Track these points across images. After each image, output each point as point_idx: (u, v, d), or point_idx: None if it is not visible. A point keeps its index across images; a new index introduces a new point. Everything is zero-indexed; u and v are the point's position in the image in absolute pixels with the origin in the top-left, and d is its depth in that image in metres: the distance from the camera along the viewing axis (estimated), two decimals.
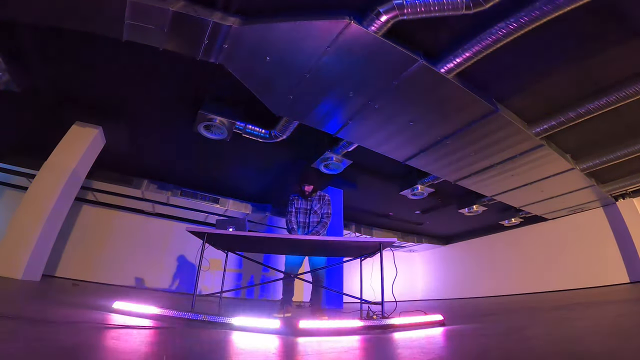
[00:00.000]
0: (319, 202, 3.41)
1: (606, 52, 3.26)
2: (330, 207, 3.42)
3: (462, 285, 10.27)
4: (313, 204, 3.40)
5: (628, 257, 6.53)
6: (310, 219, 3.37)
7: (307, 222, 3.36)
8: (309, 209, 3.39)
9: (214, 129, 4.45)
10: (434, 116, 4.07)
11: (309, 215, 3.38)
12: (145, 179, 6.88)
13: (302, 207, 3.41)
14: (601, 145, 4.92)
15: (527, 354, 1.28)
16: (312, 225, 3.35)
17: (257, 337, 1.74)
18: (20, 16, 2.89)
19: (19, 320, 1.52)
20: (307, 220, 3.37)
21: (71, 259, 6.79)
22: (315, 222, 3.36)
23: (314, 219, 3.36)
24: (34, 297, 2.84)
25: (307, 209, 3.40)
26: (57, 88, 4.21)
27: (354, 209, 7.84)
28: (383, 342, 1.75)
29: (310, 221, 3.36)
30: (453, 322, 2.46)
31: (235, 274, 8.54)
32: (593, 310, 2.80)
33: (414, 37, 3.11)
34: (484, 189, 6.18)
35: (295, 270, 3.27)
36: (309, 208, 3.39)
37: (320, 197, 3.44)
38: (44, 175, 4.33)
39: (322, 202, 3.42)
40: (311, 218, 3.37)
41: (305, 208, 3.40)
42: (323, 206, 3.41)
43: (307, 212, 3.38)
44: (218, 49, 3.13)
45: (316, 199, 3.42)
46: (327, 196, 3.47)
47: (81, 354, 1.10)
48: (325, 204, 3.42)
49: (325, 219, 3.37)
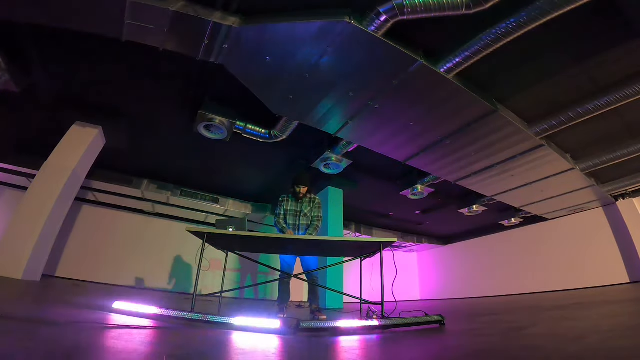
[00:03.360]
0: (309, 205, 3.35)
1: (606, 52, 3.26)
2: (321, 211, 3.38)
3: (462, 285, 10.26)
4: (303, 206, 3.34)
5: (628, 257, 6.53)
6: (300, 222, 3.31)
7: (297, 225, 3.31)
8: (299, 211, 3.33)
9: (214, 129, 4.45)
10: (434, 116, 4.07)
11: (298, 217, 3.32)
12: (145, 179, 6.88)
13: (291, 209, 3.35)
14: (601, 145, 4.92)
15: (527, 354, 1.28)
16: (302, 228, 3.30)
17: (257, 337, 1.74)
18: (20, 16, 2.89)
19: (18, 320, 1.52)
20: (296, 223, 3.32)
21: (71, 259, 6.79)
22: (304, 224, 3.31)
23: (304, 221, 3.31)
24: (34, 297, 2.84)
25: (297, 211, 3.34)
26: (57, 88, 4.21)
27: (354, 209, 7.84)
28: (383, 342, 1.75)
29: (299, 223, 3.31)
30: (453, 322, 2.46)
31: (235, 273, 8.54)
32: (593, 310, 2.80)
33: (414, 37, 3.10)
34: (484, 189, 6.18)
35: (291, 270, 3.27)
36: (299, 210, 3.33)
37: (311, 199, 3.39)
38: (44, 175, 4.32)
39: (313, 205, 3.37)
40: (301, 220, 3.31)
41: (295, 210, 3.34)
42: (314, 209, 3.36)
43: (297, 214, 3.33)
44: (218, 49, 3.13)
45: (307, 202, 3.37)
46: (317, 199, 3.43)
47: (81, 354, 1.10)
48: (316, 207, 3.37)
49: (317, 222, 3.32)
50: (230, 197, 7.82)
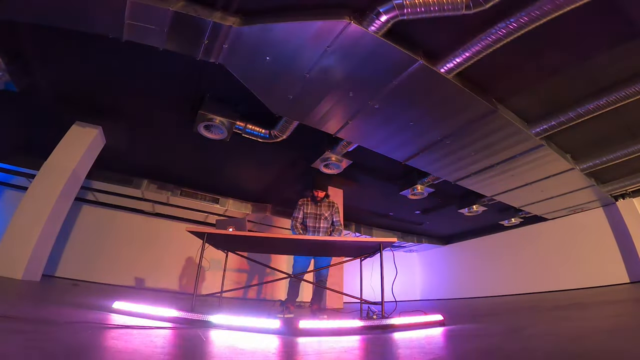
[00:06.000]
0: (329, 209, 3.53)
1: (606, 52, 3.26)
2: (340, 215, 3.56)
3: (462, 285, 10.25)
4: (322, 209, 3.49)
5: (628, 257, 6.53)
6: (321, 224, 3.46)
7: (317, 227, 3.46)
8: (319, 214, 3.48)
9: (214, 129, 4.45)
10: (434, 116, 4.07)
11: (318, 220, 3.47)
12: (145, 179, 6.88)
13: (311, 212, 3.50)
14: (601, 145, 4.91)
15: (527, 353, 1.28)
16: (323, 230, 3.44)
17: (257, 337, 1.74)
18: (20, 16, 2.89)
19: (19, 320, 1.52)
20: (317, 225, 3.46)
21: (71, 259, 6.78)
22: (325, 227, 3.47)
23: (324, 224, 3.46)
24: (34, 297, 2.84)
25: (317, 214, 3.49)
26: (57, 88, 4.21)
27: (354, 209, 7.83)
28: (383, 342, 1.75)
29: (320, 226, 3.46)
30: (453, 322, 2.46)
31: (235, 273, 8.54)
32: (593, 310, 2.80)
33: (414, 37, 3.10)
34: (484, 189, 6.17)
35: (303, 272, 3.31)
36: (318, 213, 3.49)
37: (330, 204, 3.57)
38: (44, 175, 4.32)
39: (333, 209, 3.55)
40: (322, 223, 3.46)
41: (315, 213, 3.49)
42: (334, 214, 3.55)
43: (317, 217, 3.48)
44: (218, 49, 3.13)
45: (325, 205, 3.53)
46: (336, 203, 3.61)
47: (81, 354, 1.10)
48: (336, 211, 3.56)
49: (339, 225, 3.52)
50: (230, 197, 7.82)
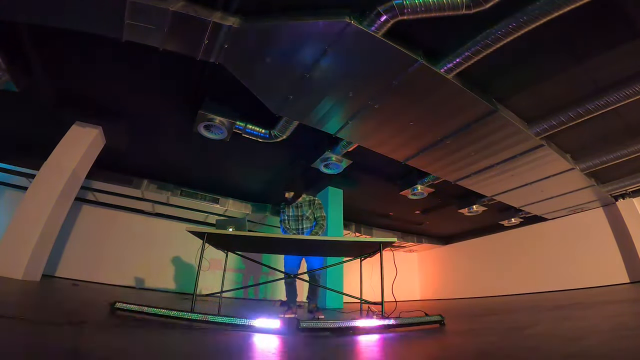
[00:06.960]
0: (309, 207, 3.38)
1: (606, 52, 3.26)
2: (323, 210, 3.41)
3: (462, 285, 10.26)
4: (303, 209, 3.37)
5: (628, 257, 6.53)
6: (303, 225, 3.35)
7: (300, 228, 3.35)
8: (300, 215, 3.37)
9: (214, 129, 4.45)
10: (434, 116, 4.07)
11: (300, 221, 3.36)
12: (145, 179, 6.88)
13: (292, 214, 3.40)
14: (601, 145, 4.92)
15: (527, 353, 1.28)
16: (305, 232, 3.34)
17: (257, 337, 1.74)
18: (19, 16, 2.89)
19: (19, 320, 1.52)
20: (299, 227, 3.36)
21: (71, 259, 6.78)
22: (307, 227, 3.35)
23: (307, 224, 3.35)
24: (34, 297, 2.84)
25: (297, 215, 3.38)
26: (57, 88, 4.21)
27: (354, 209, 7.84)
28: (383, 342, 1.75)
29: (302, 227, 3.35)
30: (453, 322, 2.46)
31: (236, 273, 8.54)
32: (593, 310, 2.80)
33: (413, 37, 3.10)
34: (484, 189, 6.18)
35: (294, 271, 3.27)
36: (299, 214, 3.37)
37: (310, 201, 3.42)
38: (44, 175, 4.32)
39: (313, 207, 3.39)
40: (304, 224, 3.35)
41: (295, 215, 3.39)
42: (315, 210, 3.39)
43: (299, 218, 3.37)
44: (218, 49, 3.13)
45: (306, 205, 3.39)
46: (317, 200, 3.46)
47: (81, 355, 1.10)
48: (317, 208, 3.40)
49: (322, 221, 3.36)
50: (230, 197, 7.82)
